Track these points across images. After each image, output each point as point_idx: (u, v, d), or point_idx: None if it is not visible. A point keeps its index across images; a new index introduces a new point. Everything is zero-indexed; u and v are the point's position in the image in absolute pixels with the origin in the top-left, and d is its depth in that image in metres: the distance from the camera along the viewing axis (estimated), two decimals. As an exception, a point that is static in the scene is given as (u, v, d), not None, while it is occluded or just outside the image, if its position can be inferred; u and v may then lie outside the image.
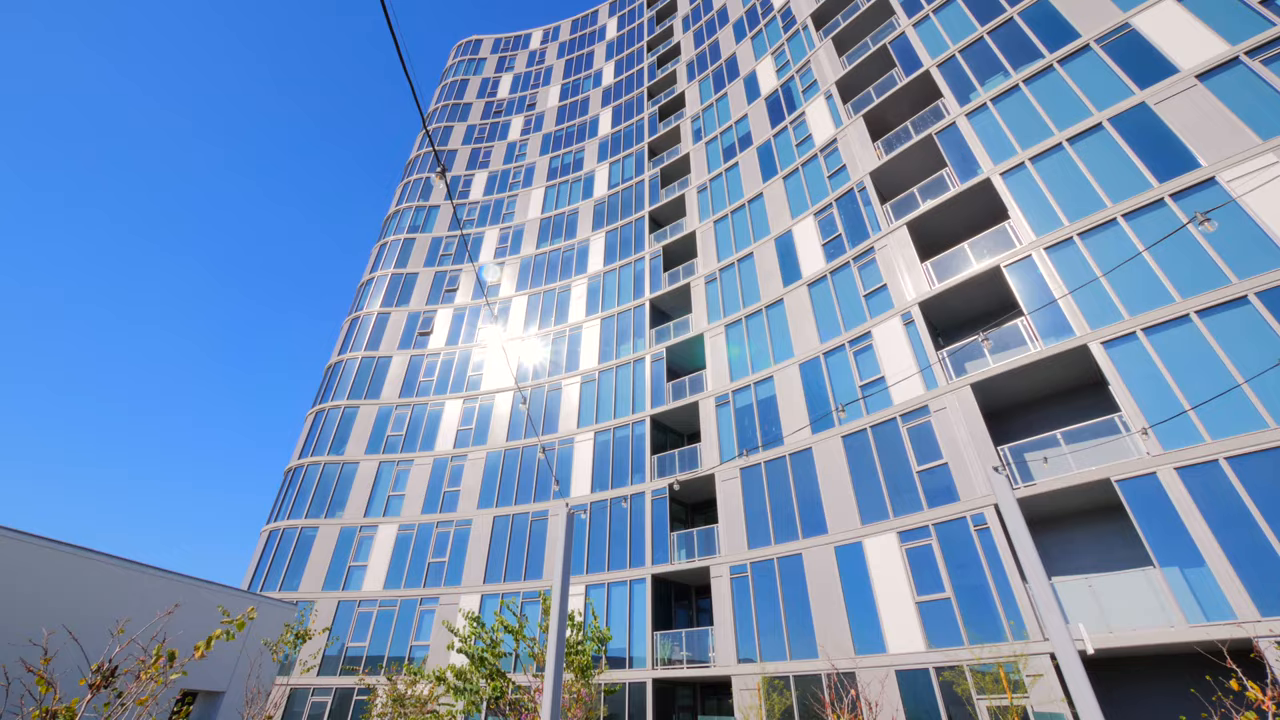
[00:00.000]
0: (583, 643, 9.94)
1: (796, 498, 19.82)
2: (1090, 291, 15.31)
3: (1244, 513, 11.50)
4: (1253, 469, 11.71)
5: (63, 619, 6.57)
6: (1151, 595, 12.43)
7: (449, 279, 37.44)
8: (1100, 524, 14.91)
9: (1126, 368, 14.09)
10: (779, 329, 23.58)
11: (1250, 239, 13.32)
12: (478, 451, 29.44)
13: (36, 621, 7.82)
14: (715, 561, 20.90)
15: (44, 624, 6.15)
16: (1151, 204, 15.09)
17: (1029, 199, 17.58)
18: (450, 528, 27.40)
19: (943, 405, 17.19)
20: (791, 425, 21.11)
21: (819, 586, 17.93)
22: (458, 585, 25.59)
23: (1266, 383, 12.05)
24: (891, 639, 15.87)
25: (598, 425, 27.30)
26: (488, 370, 32.53)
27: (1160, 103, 16.00)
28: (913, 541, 16.56)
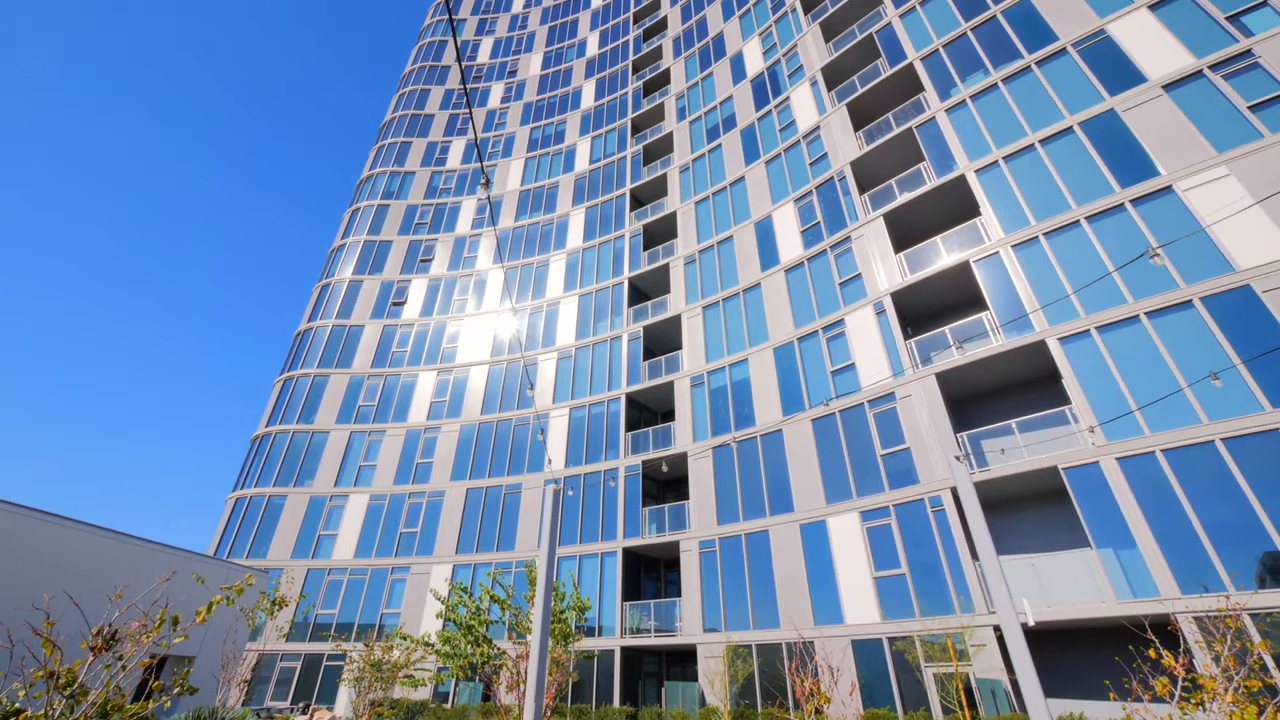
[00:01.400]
0: (565, 612, 10.37)
1: (766, 477, 20.54)
2: (1051, 289, 16.10)
3: (1174, 501, 12.51)
4: (1185, 461, 12.71)
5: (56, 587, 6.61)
6: (1087, 574, 13.49)
7: (424, 248, 36.76)
8: (1046, 508, 15.94)
9: (1079, 363, 14.97)
10: (755, 313, 24.05)
11: (1199, 247, 14.18)
12: (451, 424, 29.41)
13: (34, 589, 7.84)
14: (685, 536, 21.59)
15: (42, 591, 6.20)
16: (1113, 208, 15.86)
17: (1000, 197, 18.23)
18: (423, 499, 27.48)
19: (908, 393, 17.96)
20: (764, 408, 21.74)
21: (784, 561, 18.76)
22: (429, 555, 25.83)
23: (1203, 382, 13.01)
24: (849, 611, 16.81)
25: (573, 401, 27.54)
26: (463, 342, 32.30)
27: (1128, 110, 16.69)
28: (873, 521, 17.44)
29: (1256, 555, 11.52)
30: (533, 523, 25.06)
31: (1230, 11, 16.17)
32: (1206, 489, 12.26)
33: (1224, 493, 12.03)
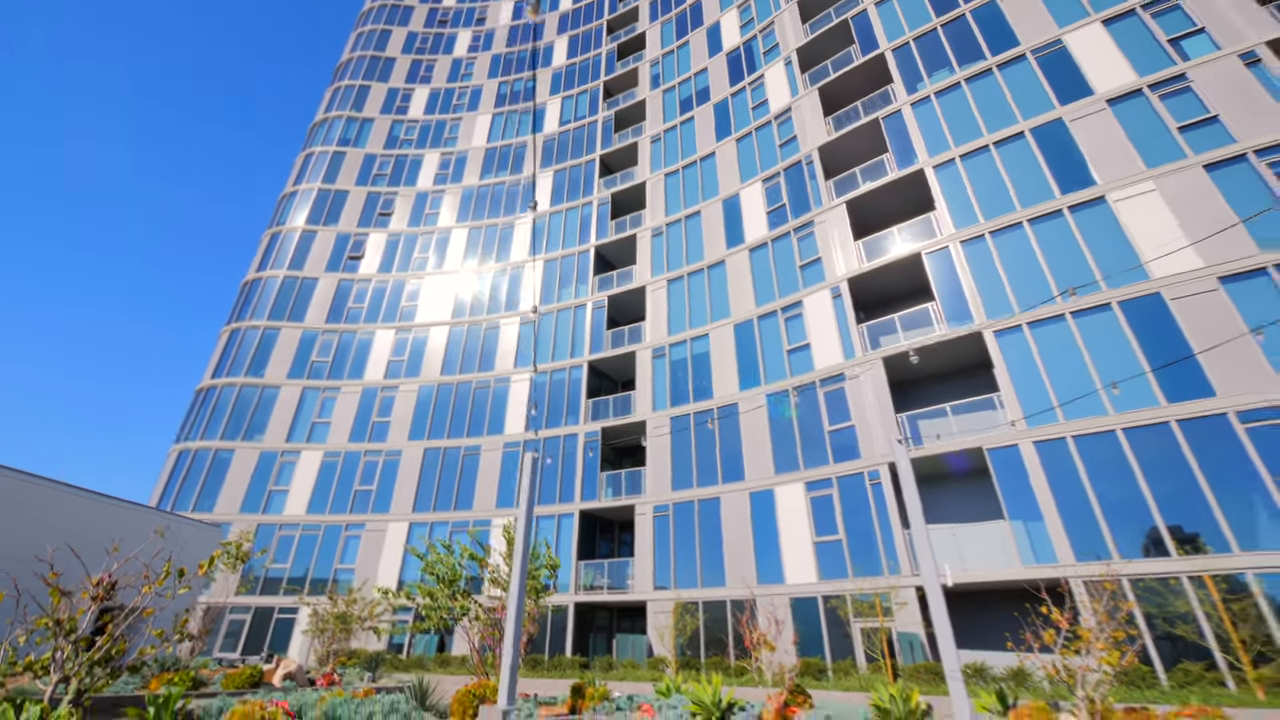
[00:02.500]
0: (538, 569, 11.01)
1: (720, 447, 21.59)
2: (991, 285, 17.39)
3: (1077, 481, 14.14)
4: (1090, 447, 14.32)
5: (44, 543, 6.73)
6: (999, 542, 15.14)
7: (383, 201, 35.50)
8: (970, 484, 17.56)
9: (1010, 354, 16.38)
10: (719, 289, 24.73)
11: (1122, 254, 15.62)
12: (410, 383, 29.19)
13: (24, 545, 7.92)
14: (640, 500, 22.56)
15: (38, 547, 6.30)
16: (1052, 213, 17.14)
17: (954, 193, 19.30)
18: (379, 457, 27.42)
19: (857, 374, 19.16)
20: (722, 381, 22.66)
21: (733, 526, 19.99)
22: (386, 513, 25.98)
23: (1110, 378, 14.57)
24: (790, 572, 18.22)
25: (536, 366, 27.77)
26: (423, 301, 31.78)
27: (1074, 120, 17.87)
28: (817, 491, 18.77)
29: (1141, 530, 13.27)
30: (491, 484, 25.50)
31: (1172, 35, 17.40)
32: (1105, 472, 13.91)
33: (1119, 475, 13.70)
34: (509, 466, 25.69)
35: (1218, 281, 14.15)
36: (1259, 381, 12.93)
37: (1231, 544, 12.04)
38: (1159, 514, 13.04)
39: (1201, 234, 14.67)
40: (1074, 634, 7.95)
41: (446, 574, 10.64)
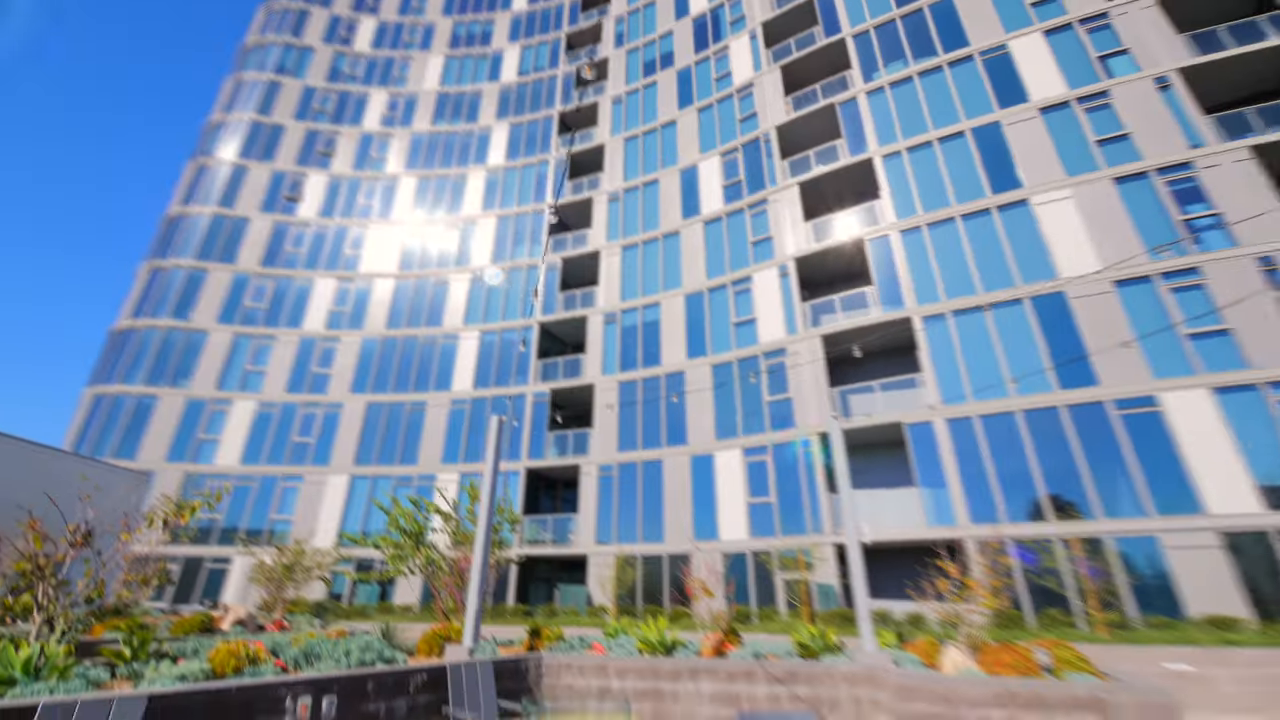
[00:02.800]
0: (499, 524, 11.55)
1: (665, 413, 22.55)
2: (923, 274, 18.82)
3: (978, 455, 15.97)
4: (993, 425, 16.13)
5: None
6: (910, 506, 16.95)
7: (324, 140, 33.44)
8: (889, 454, 19.30)
9: (934, 339, 17.94)
10: (672, 259, 25.27)
11: (1037, 255, 17.28)
12: (352, 335, 28.39)
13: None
14: (586, 461, 23.37)
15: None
16: (982, 211, 18.59)
17: (898, 184, 20.46)
18: (319, 409, 26.80)
19: (797, 350, 20.38)
20: (671, 350, 23.46)
21: (673, 487, 21.15)
22: (325, 465, 25.62)
23: (1016, 365, 16.34)
24: (724, 529, 19.62)
25: (485, 325, 27.64)
26: (368, 250, 30.63)
27: (1010, 125, 19.23)
28: (753, 457, 20.11)
29: (1027, 498, 15.25)
30: (437, 440, 25.57)
31: (1102, 52, 18.87)
32: (1002, 447, 15.77)
33: (1013, 451, 15.59)
34: (455, 423, 25.78)
35: (1112, 285, 16.00)
36: (1133, 374, 14.93)
37: (1096, 511, 14.13)
38: (1042, 485, 15.02)
39: (1106, 241, 16.46)
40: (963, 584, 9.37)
41: (411, 527, 11.03)
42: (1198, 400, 14.07)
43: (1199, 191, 16.05)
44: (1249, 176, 15.57)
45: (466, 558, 10.42)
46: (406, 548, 10.89)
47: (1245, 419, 13.57)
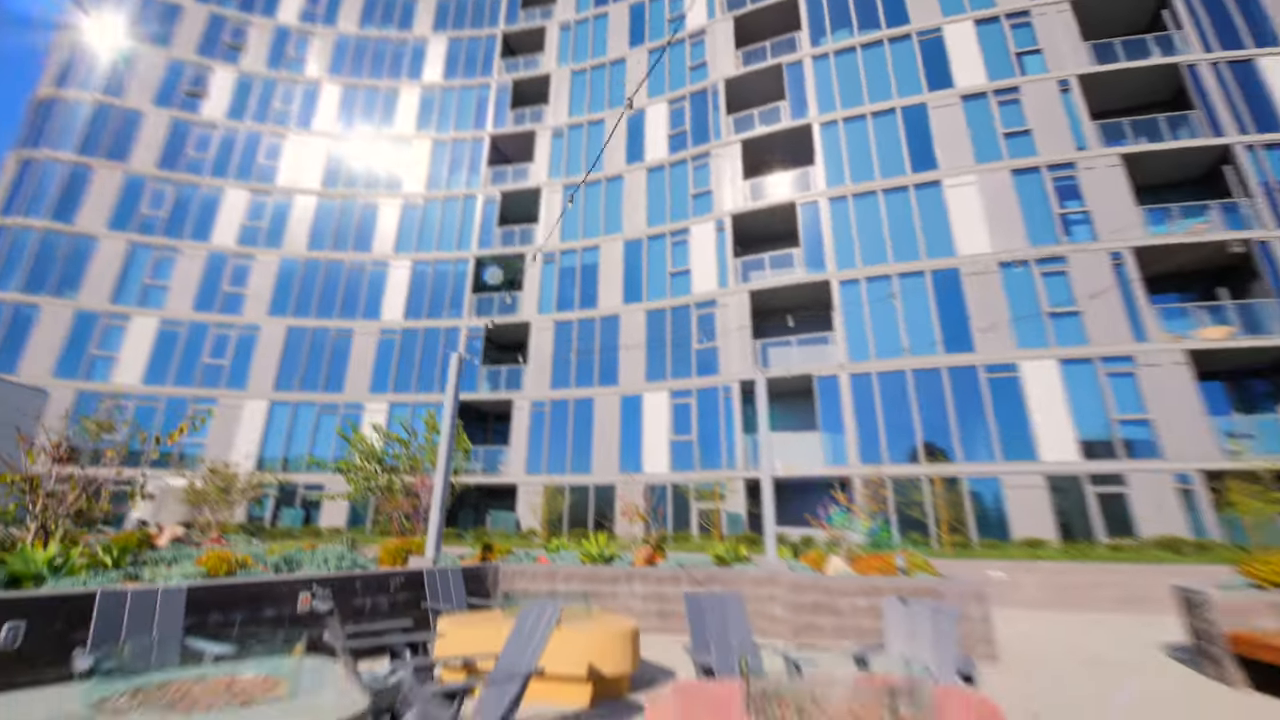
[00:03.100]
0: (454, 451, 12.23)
1: (599, 354, 23.56)
2: (844, 241, 20.54)
3: (872, 406, 18.36)
4: (887, 381, 18.49)
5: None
6: (813, 447, 19.30)
7: (231, 29, 29.84)
8: (798, 401, 21.53)
9: (847, 302, 19.90)
10: (614, 204, 25.59)
11: (942, 233, 19.37)
12: (269, 254, 26.73)
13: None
14: (519, 396, 24.13)
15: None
16: (901, 187, 20.36)
17: (832, 153, 21.77)
18: (233, 331, 25.44)
19: (727, 302, 21.81)
20: (607, 293, 24.21)
21: (603, 424, 22.50)
22: (242, 389, 24.69)
23: (914, 329, 18.65)
24: (647, 464, 21.34)
25: (418, 254, 26.92)
26: (286, 162, 28.40)
27: (935, 108, 20.84)
28: (679, 399, 21.72)
29: (907, 444, 17.87)
30: (364, 368, 25.22)
31: (1020, 49, 20.65)
32: (892, 401, 18.22)
33: (901, 404, 18.08)
34: (384, 353, 25.47)
35: (998, 265, 18.41)
36: (1002, 344, 17.59)
37: (958, 456, 16.95)
38: (920, 433, 17.66)
39: (998, 226, 18.75)
40: (849, 511, 11.39)
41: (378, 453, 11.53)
42: (1047, 369, 16.94)
43: (1076, 189, 18.54)
44: (1116, 181, 18.17)
45: (423, 481, 11.18)
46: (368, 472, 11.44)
47: (1079, 386, 16.58)
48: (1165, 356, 16.14)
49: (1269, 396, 17.13)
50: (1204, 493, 14.73)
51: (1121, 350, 16.51)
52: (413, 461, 11.62)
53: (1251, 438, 15.49)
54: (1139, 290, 16.92)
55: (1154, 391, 15.96)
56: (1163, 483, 15.12)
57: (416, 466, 11.55)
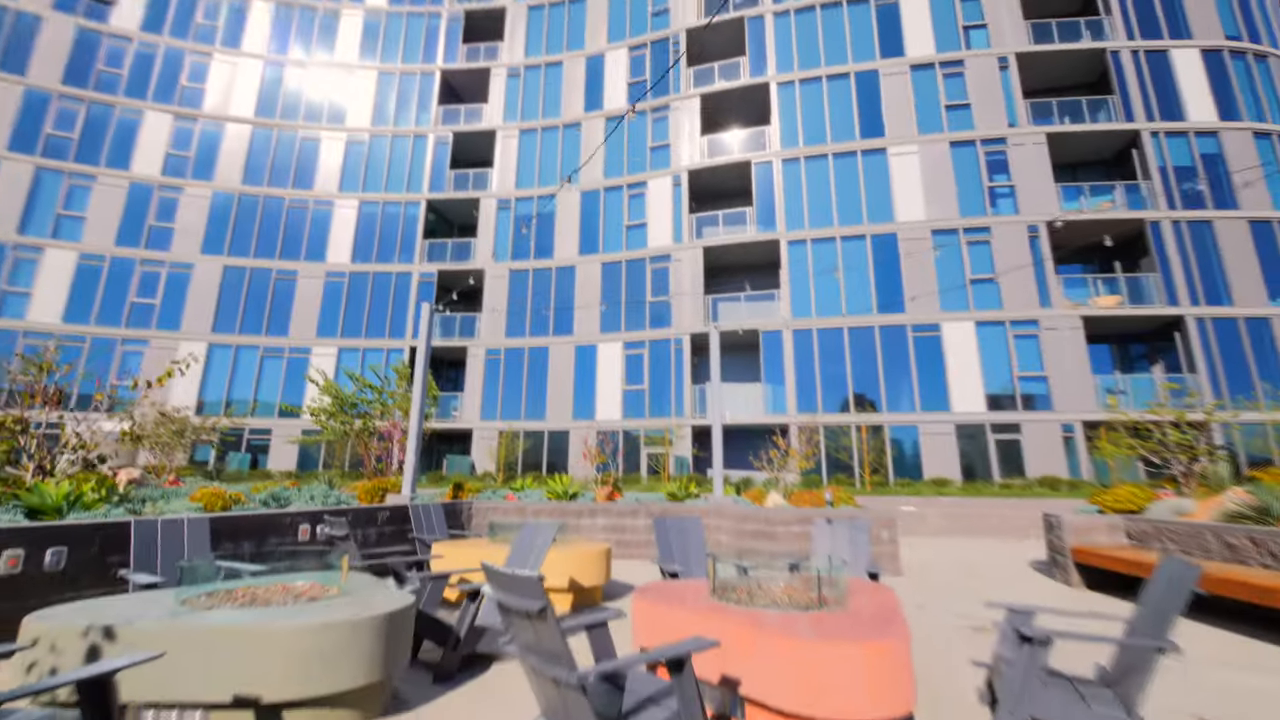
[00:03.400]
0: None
1: (554, 304, 23.92)
2: (794, 201, 21.45)
3: (811, 360, 19.84)
4: (825, 337, 19.96)
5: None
6: (755, 397, 20.76)
7: (141, -75, 26.54)
8: (744, 354, 22.84)
9: (793, 261, 21.01)
10: (571, 152, 25.33)
11: (884, 199, 20.57)
12: (200, 187, 25.05)
13: None
14: (474, 344, 24.32)
15: None
16: (850, 152, 21.29)
17: (788, 114, 22.33)
18: (162, 268, 24.05)
19: (681, 257, 22.50)
20: (563, 244, 24.36)
21: (557, 373, 23.15)
22: (176, 330, 23.64)
23: (852, 290, 20.04)
24: (600, 411, 22.30)
25: (365, 194, 25.92)
26: (213, 85, 26.22)
27: (886, 76, 21.62)
28: (632, 350, 22.58)
29: (840, 395, 19.55)
30: (310, 312, 24.56)
31: (968, 22, 21.53)
32: (829, 355, 19.75)
33: (836, 359, 19.64)
34: (331, 297, 24.84)
35: (929, 233, 19.87)
36: (929, 306, 19.26)
37: (883, 407, 18.78)
38: (852, 386, 19.35)
39: (933, 195, 20.10)
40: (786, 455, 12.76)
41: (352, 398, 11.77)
42: (965, 330, 18.78)
43: (1005, 164, 20.03)
44: (1040, 158, 19.75)
45: (394, 425, 11.62)
46: (344, 417, 11.74)
47: (991, 346, 18.54)
48: (1064, 322, 18.25)
49: (1144, 358, 19.75)
50: (1082, 440, 17.16)
51: (1029, 315, 18.50)
52: (383, 407, 12.00)
53: (1125, 393, 17.99)
54: (1049, 261, 18.82)
55: (1052, 352, 18.11)
56: (1051, 431, 17.45)
57: (387, 412, 11.95)
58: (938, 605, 6.06)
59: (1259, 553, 5.51)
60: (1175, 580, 2.99)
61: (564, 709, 2.51)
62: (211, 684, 2.83)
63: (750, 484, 17.03)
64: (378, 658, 3.15)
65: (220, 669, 2.84)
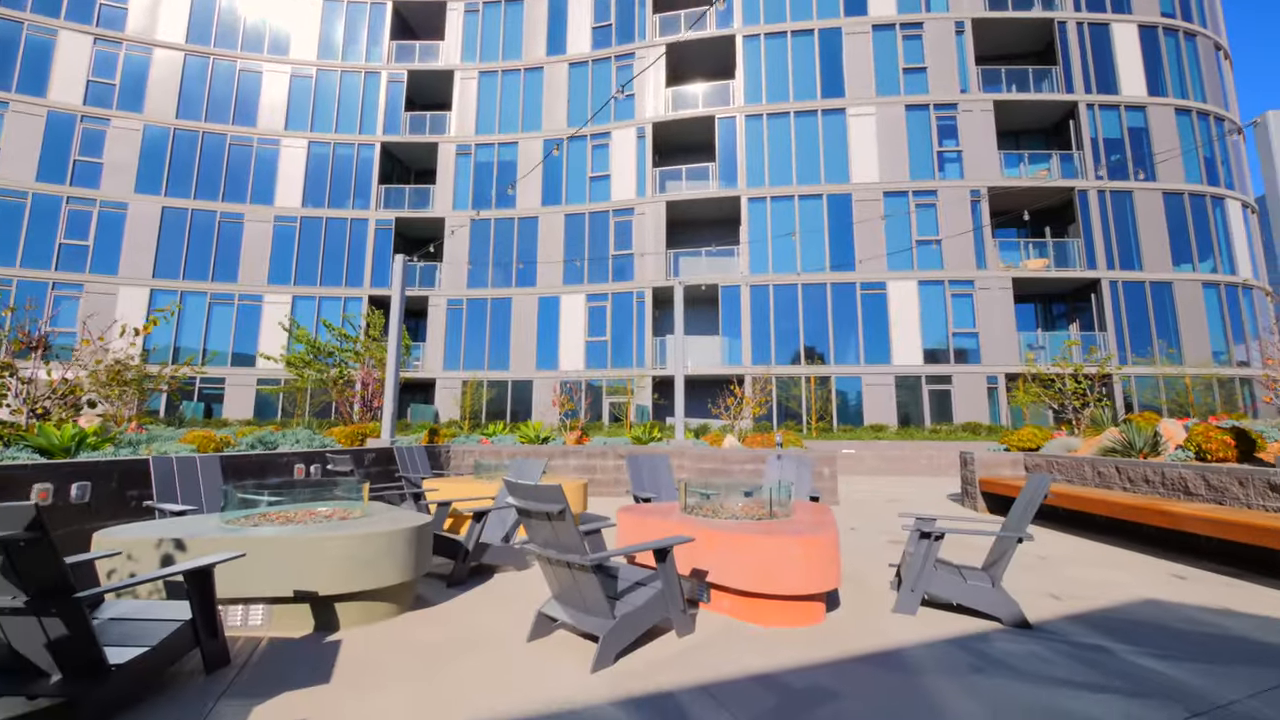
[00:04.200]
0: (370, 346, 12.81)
1: (517, 254, 23.90)
2: (755, 158, 21.89)
3: (767, 314, 20.84)
4: (780, 292, 20.92)
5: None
6: (713, 349, 21.72)
7: None
8: (704, 308, 23.67)
9: (753, 218, 21.64)
10: (533, 97, 24.73)
11: (841, 159, 21.25)
12: (129, 119, 23.30)
13: None
14: (435, 294, 24.16)
15: None
16: (811, 111, 21.72)
17: (752, 69, 22.42)
18: (92, 207, 22.59)
19: (644, 211, 22.77)
20: (526, 193, 24.13)
21: (520, 323, 23.41)
22: (113, 275, 22.50)
23: (807, 250, 20.92)
24: (563, 361, 22.85)
25: (314, 134, 24.71)
26: (136, 5, 23.98)
27: (848, 34, 21.90)
28: (595, 302, 23.02)
29: (792, 348, 20.72)
30: (260, 258, 23.72)
31: (927, -17, 21.85)
32: (783, 310, 20.78)
33: (790, 314, 20.70)
34: (283, 243, 23.99)
35: (881, 194, 20.80)
36: (877, 266, 20.40)
37: (831, 360, 20.09)
38: (803, 339, 20.53)
39: (887, 157, 20.91)
40: (741, 403, 13.77)
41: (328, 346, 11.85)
42: (908, 289, 20.08)
43: (954, 129, 20.96)
44: (986, 125, 20.74)
45: (369, 373, 11.88)
46: (317, 365, 11.86)
47: (930, 304, 19.94)
48: (996, 282, 19.76)
49: (1064, 317, 21.66)
50: (1003, 391, 18.99)
51: (967, 276, 19.91)
52: (356, 356, 12.17)
53: (1043, 349, 19.86)
54: (988, 226, 20.13)
55: (984, 311, 19.67)
56: (977, 383, 19.19)
57: (360, 360, 12.15)
58: (868, 527, 7.17)
59: (1121, 479, 6.76)
60: (1034, 491, 3.96)
61: (575, 587, 3.26)
62: (276, 582, 3.43)
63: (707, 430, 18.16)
64: (409, 562, 3.81)
65: (282, 571, 3.44)
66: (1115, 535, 6.53)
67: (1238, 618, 3.75)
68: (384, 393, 9.83)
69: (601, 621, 3.10)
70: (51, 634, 2.35)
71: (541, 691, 2.66)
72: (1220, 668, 2.95)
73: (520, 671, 2.90)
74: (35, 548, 2.21)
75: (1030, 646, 3.24)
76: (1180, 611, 3.88)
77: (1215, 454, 5.91)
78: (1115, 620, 3.71)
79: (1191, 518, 4.98)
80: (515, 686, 2.72)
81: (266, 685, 2.72)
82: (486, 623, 3.69)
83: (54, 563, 2.26)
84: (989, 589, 3.75)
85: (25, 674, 2.42)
